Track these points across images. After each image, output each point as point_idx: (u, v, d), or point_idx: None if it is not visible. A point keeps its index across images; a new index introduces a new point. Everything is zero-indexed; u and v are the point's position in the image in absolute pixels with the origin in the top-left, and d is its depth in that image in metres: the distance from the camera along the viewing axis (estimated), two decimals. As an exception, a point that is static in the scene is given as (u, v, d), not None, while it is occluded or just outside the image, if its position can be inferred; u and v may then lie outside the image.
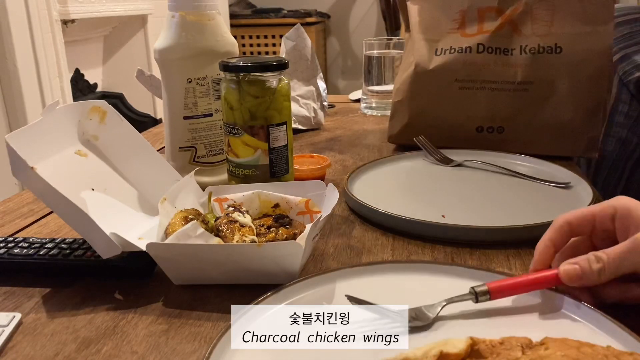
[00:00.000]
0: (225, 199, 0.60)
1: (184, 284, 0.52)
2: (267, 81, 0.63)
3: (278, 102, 0.64)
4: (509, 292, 0.45)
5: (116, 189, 0.60)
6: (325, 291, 0.48)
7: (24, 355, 0.43)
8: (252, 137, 0.64)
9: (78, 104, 0.60)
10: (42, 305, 0.50)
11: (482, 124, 0.87)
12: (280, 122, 0.64)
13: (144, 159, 0.63)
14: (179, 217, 0.54)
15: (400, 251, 0.58)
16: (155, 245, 0.49)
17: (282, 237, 0.54)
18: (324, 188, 0.59)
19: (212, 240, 0.50)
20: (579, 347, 0.35)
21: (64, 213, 0.51)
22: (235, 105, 0.63)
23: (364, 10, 3.86)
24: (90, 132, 0.61)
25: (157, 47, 0.71)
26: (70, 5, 1.91)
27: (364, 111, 1.22)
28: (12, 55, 1.66)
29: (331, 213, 0.53)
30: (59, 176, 0.50)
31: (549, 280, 0.45)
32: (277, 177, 0.66)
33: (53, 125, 0.56)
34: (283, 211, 0.59)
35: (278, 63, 0.63)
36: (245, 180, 0.65)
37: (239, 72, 0.62)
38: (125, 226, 0.52)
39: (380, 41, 1.18)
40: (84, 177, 0.57)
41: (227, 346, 0.40)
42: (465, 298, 0.44)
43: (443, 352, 0.35)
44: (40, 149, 0.53)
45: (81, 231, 0.51)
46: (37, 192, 0.51)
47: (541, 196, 0.70)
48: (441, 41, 0.87)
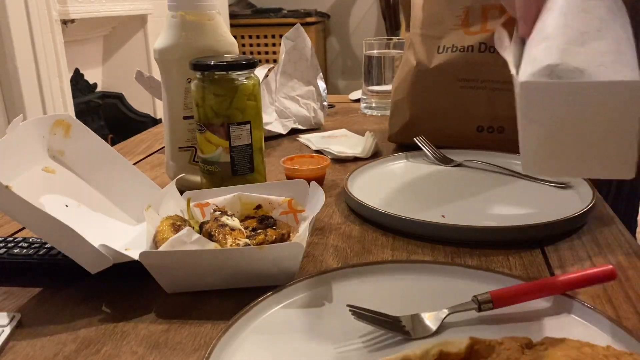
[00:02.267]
0: (207, 204, 0.59)
1: (178, 292, 0.50)
2: (229, 80, 0.64)
3: (241, 101, 0.64)
4: (512, 301, 0.44)
5: (90, 203, 0.59)
6: (325, 291, 0.48)
7: (23, 355, 0.43)
8: (213, 134, 0.65)
9: (41, 119, 0.58)
10: (42, 305, 0.50)
11: (483, 124, 0.87)
12: (242, 121, 0.65)
13: (114, 168, 0.62)
14: (167, 224, 0.53)
15: (400, 251, 0.58)
16: (149, 253, 0.48)
17: (272, 238, 0.53)
18: (306, 186, 0.59)
19: (208, 246, 0.49)
20: (579, 347, 0.35)
21: (43, 231, 0.49)
22: (200, 103, 0.65)
23: (364, 10, 3.86)
24: (55, 147, 0.59)
25: (157, 47, 0.71)
26: (70, 5, 1.91)
27: (364, 111, 1.22)
28: (12, 55, 1.66)
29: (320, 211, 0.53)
30: (30, 195, 0.48)
31: (553, 287, 0.45)
32: (240, 176, 0.66)
33: (18, 142, 0.54)
34: (266, 212, 0.59)
35: (238, 62, 0.64)
36: (210, 175, 0.67)
37: (202, 71, 0.64)
38: (107, 238, 0.50)
39: (380, 41, 1.18)
40: (55, 195, 0.56)
41: (227, 346, 0.40)
42: (468, 307, 0.44)
43: (443, 352, 0.35)
44: (9, 168, 0.51)
45: (65, 248, 0.49)
46: (10, 211, 0.49)
47: (541, 196, 0.70)
48: (444, 38, 0.87)
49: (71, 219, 0.49)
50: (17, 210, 0.48)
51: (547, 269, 0.53)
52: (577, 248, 0.57)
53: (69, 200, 0.57)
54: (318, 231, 0.63)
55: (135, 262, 0.48)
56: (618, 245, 0.57)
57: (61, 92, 1.87)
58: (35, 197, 0.51)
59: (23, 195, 0.47)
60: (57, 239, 0.49)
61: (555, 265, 0.53)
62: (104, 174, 0.62)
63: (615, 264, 0.53)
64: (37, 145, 0.58)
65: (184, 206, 0.59)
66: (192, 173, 0.73)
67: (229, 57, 0.67)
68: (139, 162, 0.93)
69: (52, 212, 0.47)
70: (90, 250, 0.48)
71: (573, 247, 0.57)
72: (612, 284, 0.49)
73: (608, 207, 0.67)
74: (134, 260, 0.49)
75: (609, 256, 0.55)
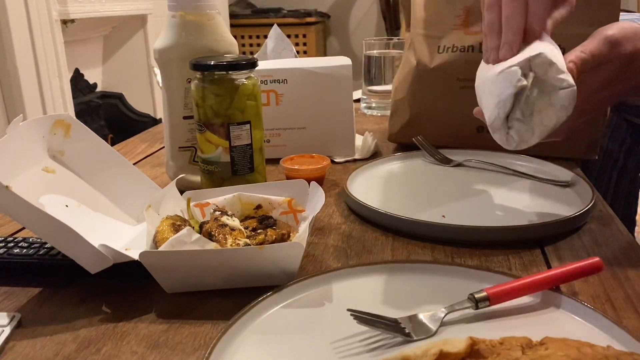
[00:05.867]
0: (207, 204, 0.59)
1: (178, 292, 0.50)
2: (229, 80, 0.64)
3: (241, 101, 0.64)
4: (508, 297, 0.45)
5: (90, 203, 0.59)
6: (325, 291, 0.48)
7: (23, 355, 0.43)
8: (213, 134, 0.65)
9: (41, 119, 0.58)
10: (42, 305, 0.50)
11: (483, 124, 0.87)
12: (242, 121, 0.65)
13: (114, 168, 0.62)
14: (167, 224, 0.53)
15: (400, 251, 0.58)
16: (149, 253, 0.48)
17: (272, 238, 0.53)
18: (306, 186, 0.59)
19: (208, 246, 0.49)
20: (579, 347, 0.35)
21: (43, 231, 0.49)
22: (200, 103, 0.65)
23: (364, 10, 3.86)
24: (55, 147, 0.59)
25: (157, 47, 0.71)
26: (70, 5, 1.91)
27: (364, 111, 1.22)
28: (12, 55, 1.66)
29: (320, 211, 0.53)
30: (30, 195, 0.48)
31: (547, 282, 0.45)
32: (240, 175, 0.66)
33: (18, 142, 0.54)
34: (266, 212, 0.59)
35: (238, 62, 0.64)
36: (210, 175, 0.67)
37: (202, 71, 0.64)
38: (107, 239, 0.50)
39: (380, 41, 1.18)
40: (55, 195, 0.56)
41: (227, 346, 0.40)
42: (466, 306, 0.44)
43: (443, 352, 0.35)
44: (9, 168, 0.51)
45: (65, 248, 0.49)
46: (10, 211, 0.49)
47: (541, 196, 0.70)
48: (444, 38, 0.87)
49: (71, 219, 0.49)
50: (17, 210, 0.48)
51: (547, 269, 0.53)
52: (577, 248, 0.57)
53: (69, 200, 0.57)
54: (318, 231, 0.63)
55: (135, 262, 0.48)
56: (618, 245, 0.57)
57: (61, 92, 1.87)
58: (35, 197, 0.51)
59: (23, 195, 0.47)
60: (57, 239, 0.49)
61: (556, 265, 0.53)
62: (104, 174, 0.61)
63: (615, 264, 0.53)
64: (37, 145, 0.58)
65: (184, 206, 0.59)
66: (192, 173, 0.73)
67: (229, 57, 0.66)
68: (139, 162, 0.93)
69: (52, 212, 0.47)
70: (90, 250, 0.48)
71: (573, 247, 0.57)
72: (612, 284, 0.49)
73: (608, 206, 0.67)
74: (134, 260, 0.49)
75: (609, 256, 0.55)
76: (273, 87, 0.85)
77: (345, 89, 0.86)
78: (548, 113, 0.53)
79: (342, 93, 0.86)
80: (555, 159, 0.80)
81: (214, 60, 0.64)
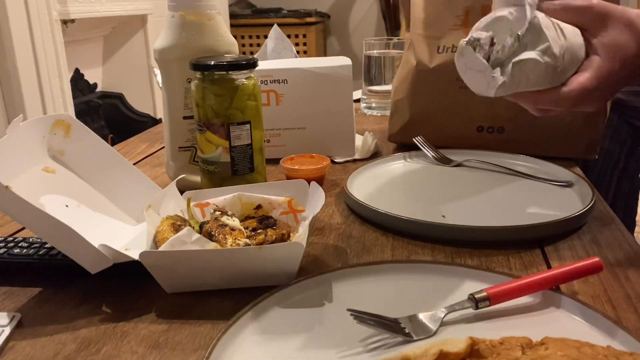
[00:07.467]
0: (207, 204, 0.59)
1: (178, 292, 0.50)
2: (229, 80, 0.64)
3: (241, 101, 0.64)
4: (508, 297, 0.45)
5: (90, 203, 0.59)
6: (325, 291, 0.48)
7: (23, 355, 0.43)
8: (213, 134, 0.65)
9: (41, 119, 0.58)
10: (42, 305, 0.50)
11: (483, 124, 0.87)
12: (242, 121, 0.65)
13: (114, 168, 0.62)
14: (167, 224, 0.53)
15: (400, 251, 0.58)
16: (149, 253, 0.48)
17: (272, 238, 0.53)
18: (306, 186, 0.59)
19: (208, 246, 0.49)
20: (579, 347, 0.35)
21: (43, 231, 0.50)
22: (200, 103, 0.65)
23: (364, 10, 3.86)
24: (55, 147, 0.59)
25: (156, 47, 0.71)
26: (70, 5, 1.91)
27: (364, 111, 1.22)
28: (12, 55, 1.66)
29: (320, 211, 0.53)
30: (30, 195, 0.48)
31: (547, 281, 0.45)
32: (240, 176, 0.66)
33: (18, 142, 0.54)
34: (266, 212, 0.59)
35: (238, 62, 0.64)
36: (210, 175, 0.67)
37: (202, 71, 0.64)
38: (107, 239, 0.50)
39: (380, 41, 1.18)
40: (55, 195, 0.56)
41: (227, 346, 0.40)
42: (465, 306, 0.44)
43: (443, 351, 0.35)
44: (9, 168, 0.51)
45: (65, 248, 0.49)
46: (10, 211, 0.49)
47: (542, 196, 0.70)
48: (443, 38, 0.87)
49: (71, 219, 0.49)
50: (17, 210, 0.48)
51: (547, 269, 0.53)
52: (577, 248, 0.57)
53: (69, 200, 0.57)
54: (318, 231, 0.63)
55: (135, 262, 0.48)
56: (618, 245, 0.57)
57: (61, 92, 1.87)
58: (35, 197, 0.51)
59: (23, 195, 0.47)
60: (57, 239, 0.49)
61: (555, 265, 0.53)
62: (104, 174, 0.61)
63: (615, 264, 0.53)
64: (37, 145, 0.58)
65: (184, 206, 0.59)
66: (192, 173, 0.73)
67: (229, 57, 0.67)
68: (139, 162, 0.93)
69: (52, 212, 0.47)
70: (90, 250, 0.48)
71: (573, 247, 0.57)
72: (612, 284, 0.49)
73: (608, 207, 0.67)
74: (134, 260, 0.49)
75: (609, 256, 0.55)
76: (273, 87, 0.85)
77: (345, 89, 0.86)
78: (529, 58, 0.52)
79: (342, 93, 0.86)
80: (555, 159, 0.80)
81: (214, 60, 0.64)
